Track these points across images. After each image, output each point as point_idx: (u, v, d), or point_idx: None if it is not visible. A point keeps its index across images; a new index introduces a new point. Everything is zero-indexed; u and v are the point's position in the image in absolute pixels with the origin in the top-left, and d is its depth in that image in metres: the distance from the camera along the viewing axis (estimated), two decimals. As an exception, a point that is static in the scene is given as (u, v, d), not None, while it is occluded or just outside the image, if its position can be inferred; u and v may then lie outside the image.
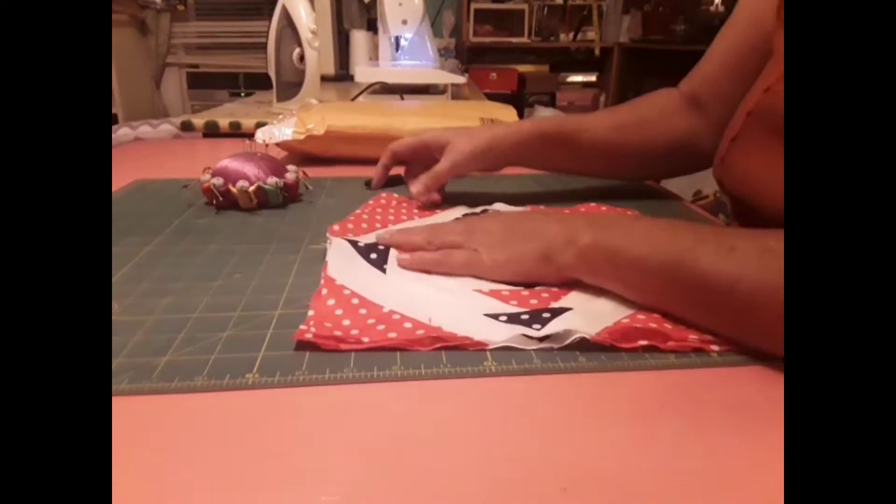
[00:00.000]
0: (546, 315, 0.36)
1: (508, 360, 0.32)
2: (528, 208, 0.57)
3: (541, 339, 0.33)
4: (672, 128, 0.60)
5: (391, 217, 0.54)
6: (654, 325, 0.34)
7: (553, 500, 0.23)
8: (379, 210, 0.56)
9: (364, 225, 0.52)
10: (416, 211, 0.56)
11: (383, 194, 0.60)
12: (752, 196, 0.47)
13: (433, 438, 0.27)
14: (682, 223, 0.37)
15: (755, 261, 0.31)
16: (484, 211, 0.56)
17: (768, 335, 0.31)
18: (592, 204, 0.58)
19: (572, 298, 0.38)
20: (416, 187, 0.55)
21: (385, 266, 0.42)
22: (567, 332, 0.33)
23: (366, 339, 0.33)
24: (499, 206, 0.57)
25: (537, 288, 0.40)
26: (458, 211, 0.56)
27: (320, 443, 0.26)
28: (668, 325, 0.34)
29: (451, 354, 0.33)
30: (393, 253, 0.44)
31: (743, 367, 0.32)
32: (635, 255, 0.35)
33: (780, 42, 0.47)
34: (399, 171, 0.70)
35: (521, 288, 0.40)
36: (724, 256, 0.32)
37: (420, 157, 0.60)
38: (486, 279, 0.40)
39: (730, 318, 0.33)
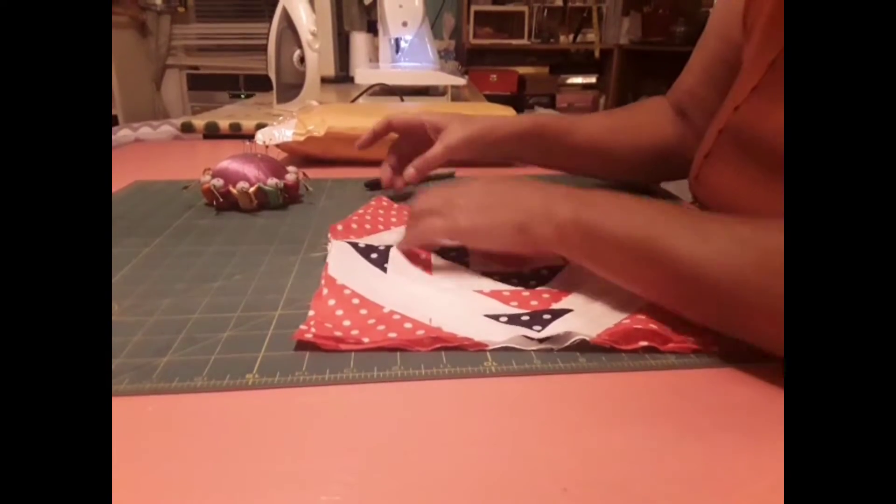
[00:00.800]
0: (546, 316, 0.36)
1: (508, 360, 0.32)
2: None
3: (541, 341, 0.34)
4: (663, 134, 0.61)
5: (393, 219, 0.54)
6: (654, 327, 0.34)
7: (554, 500, 0.23)
8: (381, 211, 0.56)
9: (367, 226, 0.52)
10: None
11: (384, 197, 0.59)
12: (723, 211, 0.47)
13: (433, 438, 0.27)
14: (661, 204, 0.37)
15: (726, 249, 0.31)
16: None
17: (733, 322, 0.32)
18: None
19: (573, 300, 0.38)
20: (408, 170, 0.55)
21: (386, 265, 0.42)
22: (567, 334, 0.33)
23: (366, 340, 0.33)
24: None
25: (539, 288, 0.40)
26: None
27: (320, 443, 0.26)
28: (668, 328, 0.34)
29: (451, 354, 0.33)
30: (393, 253, 0.44)
31: (743, 367, 0.32)
32: (611, 234, 0.35)
33: (747, 58, 0.48)
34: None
35: (522, 288, 0.40)
36: (696, 242, 0.32)
37: (413, 136, 0.60)
38: (465, 245, 0.42)
39: (697, 303, 0.33)
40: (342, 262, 0.43)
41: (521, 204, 0.40)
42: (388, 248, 0.47)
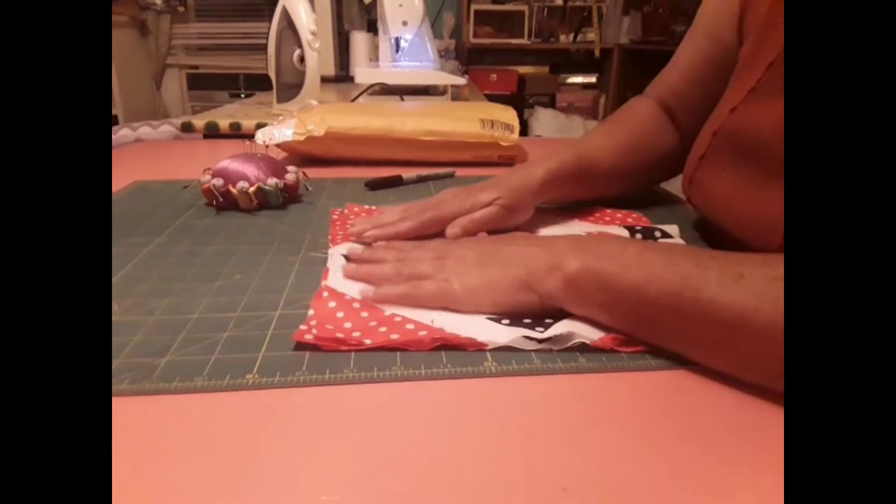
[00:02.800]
0: (549, 319, 0.36)
1: (508, 360, 0.32)
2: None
3: (541, 342, 0.33)
4: (664, 138, 0.60)
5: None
6: None
7: (554, 500, 0.23)
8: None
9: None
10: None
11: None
12: (720, 216, 0.47)
13: (433, 438, 0.27)
14: (678, 246, 0.35)
15: (768, 291, 0.28)
16: None
17: (771, 366, 0.29)
18: (597, 206, 0.58)
19: None
20: (452, 230, 0.48)
21: None
22: (570, 335, 0.33)
23: (368, 341, 0.33)
24: None
25: None
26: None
27: (320, 443, 0.26)
28: None
29: (451, 354, 0.33)
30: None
31: (743, 367, 0.32)
32: (630, 284, 0.32)
33: (744, 59, 0.47)
34: (398, 171, 0.70)
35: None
36: (731, 286, 0.29)
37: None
38: (461, 310, 0.36)
39: (738, 355, 0.30)
40: (341, 274, 0.42)
41: (521, 259, 0.37)
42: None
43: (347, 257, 0.44)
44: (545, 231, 0.51)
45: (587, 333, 0.33)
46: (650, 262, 0.32)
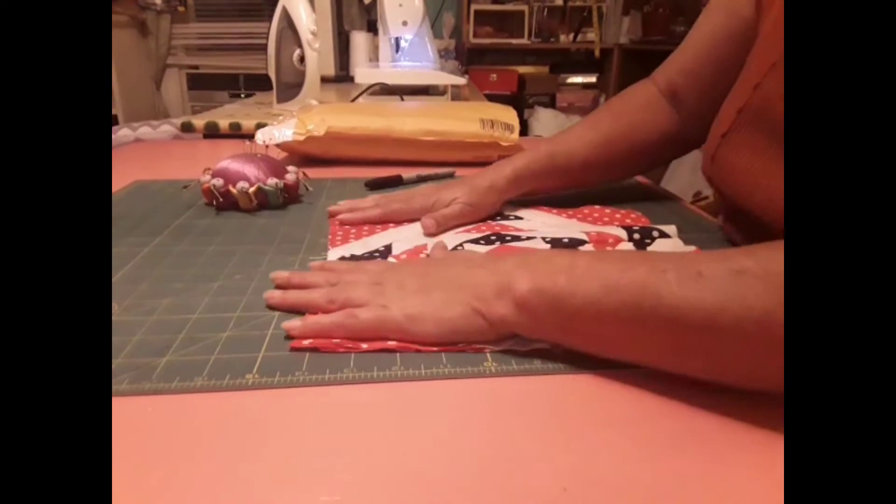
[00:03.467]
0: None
1: (508, 360, 0.32)
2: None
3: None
4: (657, 127, 0.59)
5: (391, 223, 0.54)
6: None
7: (553, 500, 0.23)
8: None
9: (365, 228, 0.52)
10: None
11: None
12: (742, 194, 0.46)
13: (433, 439, 0.27)
14: (630, 253, 0.32)
15: (732, 286, 0.27)
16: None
17: (758, 370, 0.27)
18: (596, 206, 0.58)
19: None
20: (427, 220, 0.52)
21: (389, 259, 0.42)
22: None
23: (364, 346, 0.33)
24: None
25: None
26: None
27: (320, 443, 0.26)
28: None
29: (451, 355, 0.33)
30: (395, 250, 0.44)
31: (743, 367, 0.32)
32: (584, 299, 0.30)
33: (765, 33, 0.47)
34: (398, 171, 0.70)
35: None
36: (691, 286, 0.28)
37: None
38: (403, 340, 0.33)
39: (709, 358, 0.29)
40: None
41: (466, 282, 0.34)
42: (387, 246, 0.47)
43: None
44: (543, 231, 0.50)
45: None
46: (603, 272, 0.30)
